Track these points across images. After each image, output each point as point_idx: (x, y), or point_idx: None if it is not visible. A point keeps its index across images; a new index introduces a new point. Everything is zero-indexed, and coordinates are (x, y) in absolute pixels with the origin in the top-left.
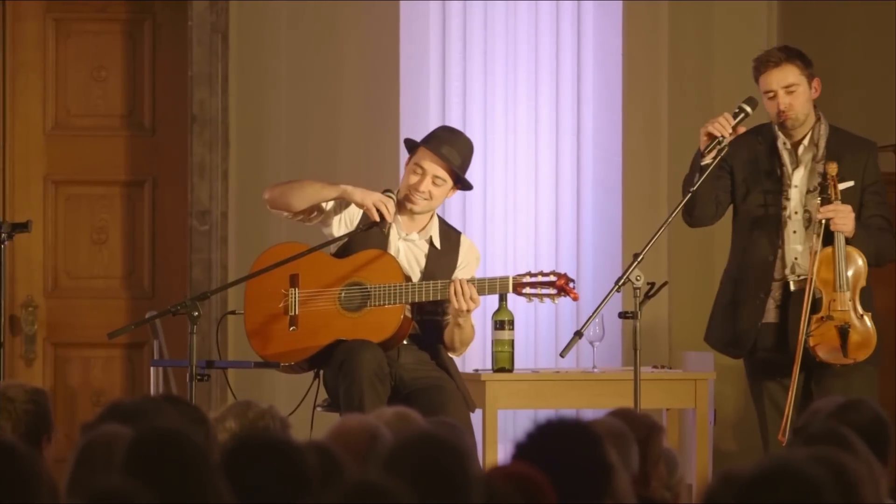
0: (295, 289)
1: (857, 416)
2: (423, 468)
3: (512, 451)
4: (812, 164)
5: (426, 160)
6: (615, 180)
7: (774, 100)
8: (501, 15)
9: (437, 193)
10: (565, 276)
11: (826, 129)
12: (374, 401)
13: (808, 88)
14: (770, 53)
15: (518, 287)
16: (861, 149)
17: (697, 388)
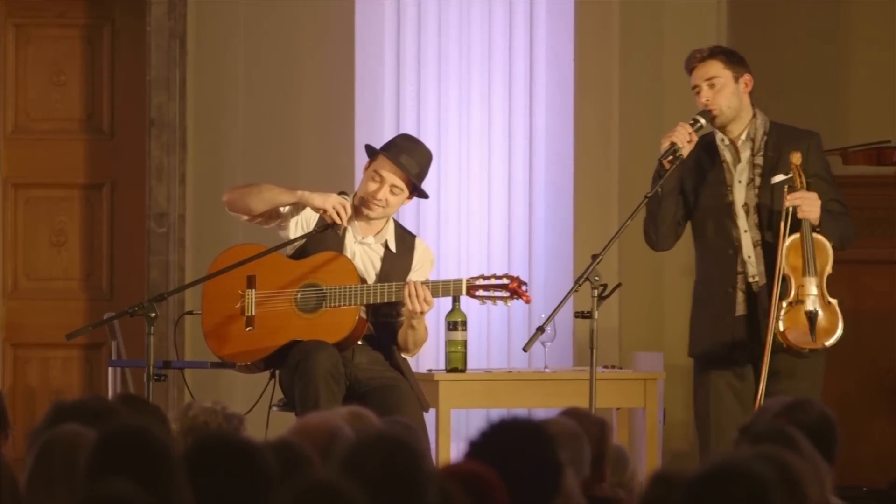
0: (252, 290)
1: (804, 416)
2: (381, 467)
3: (465, 449)
4: (751, 157)
5: (385, 169)
6: (567, 182)
7: (700, 95)
8: (455, 20)
9: (394, 201)
10: (518, 279)
11: (763, 123)
12: (330, 400)
13: (733, 83)
14: (697, 51)
15: (471, 290)
16: (801, 140)
17: (647, 387)
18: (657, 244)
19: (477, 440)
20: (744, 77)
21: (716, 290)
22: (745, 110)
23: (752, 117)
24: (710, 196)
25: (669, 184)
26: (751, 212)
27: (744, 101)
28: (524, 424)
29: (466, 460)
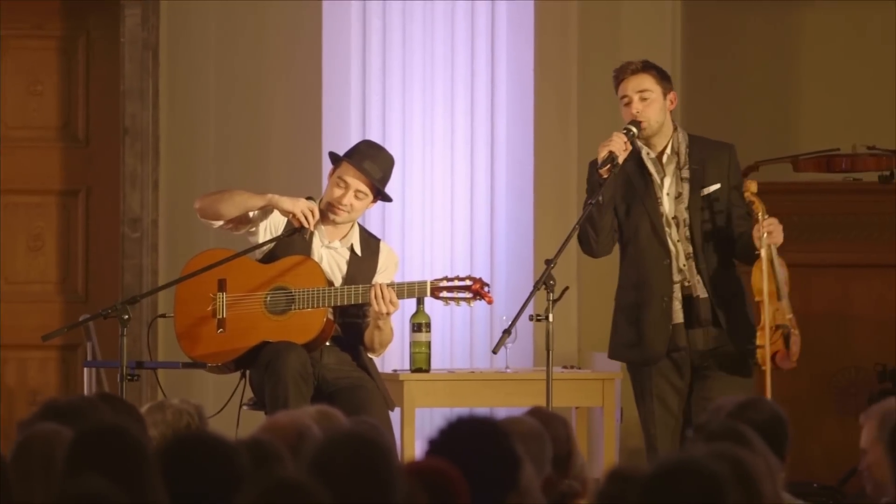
0: (223, 293)
1: (756, 414)
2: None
3: (424, 447)
4: (676, 171)
5: (349, 175)
6: (527, 189)
7: (629, 106)
8: (419, 33)
9: (358, 206)
10: (480, 280)
11: (684, 137)
12: (299, 400)
13: (662, 99)
14: (629, 63)
15: (435, 291)
16: (722, 152)
17: (605, 387)
18: (597, 252)
19: (436, 438)
20: (670, 94)
21: (649, 297)
22: (668, 125)
23: (673, 131)
24: (640, 208)
25: (609, 192)
26: (681, 224)
27: (667, 117)
28: (481, 421)
29: (427, 457)
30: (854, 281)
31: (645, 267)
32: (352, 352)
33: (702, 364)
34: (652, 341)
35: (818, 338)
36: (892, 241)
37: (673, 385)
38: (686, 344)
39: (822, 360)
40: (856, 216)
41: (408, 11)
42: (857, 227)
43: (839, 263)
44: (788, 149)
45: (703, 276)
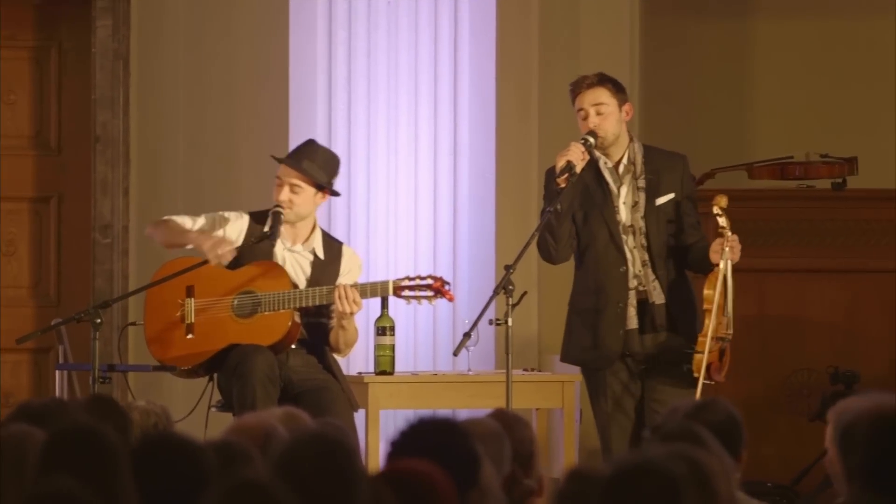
0: (191, 299)
1: (712, 415)
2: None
3: (387, 449)
4: (632, 180)
5: (281, 172)
6: (489, 196)
7: (586, 119)
8: (383, 43)
9: (300, 200)
10: (441, 279)
11: (640, 147)
12: (266, 401)
13: (617, 111)
14: (585, 77)
15: (398, 290)
16: (676, 162)
17: (564, 389)
18: (556, 258)
19: (397, 439)
20: (626, 106)
21: (605, 303)
22: (624, 136)
23: (629, 142)
24: (598, 216)
25: (567, 201)
26: (637, 232)
27: (623, 129)
28: (440, 422)
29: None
30: (807, 285)
31: (602, 273)
32: (318, 354)
33: (654, 367)
34: (606, 345)
35: (772, 341)
36: (844, 247)
37: (626, 387)
38: (640, 348)
39: (775, 362)
40: (809, 222)
41: (372, 22)
42: (811, 233)
43: (793, 268)
44: (743, 157)
45: (660, 283)
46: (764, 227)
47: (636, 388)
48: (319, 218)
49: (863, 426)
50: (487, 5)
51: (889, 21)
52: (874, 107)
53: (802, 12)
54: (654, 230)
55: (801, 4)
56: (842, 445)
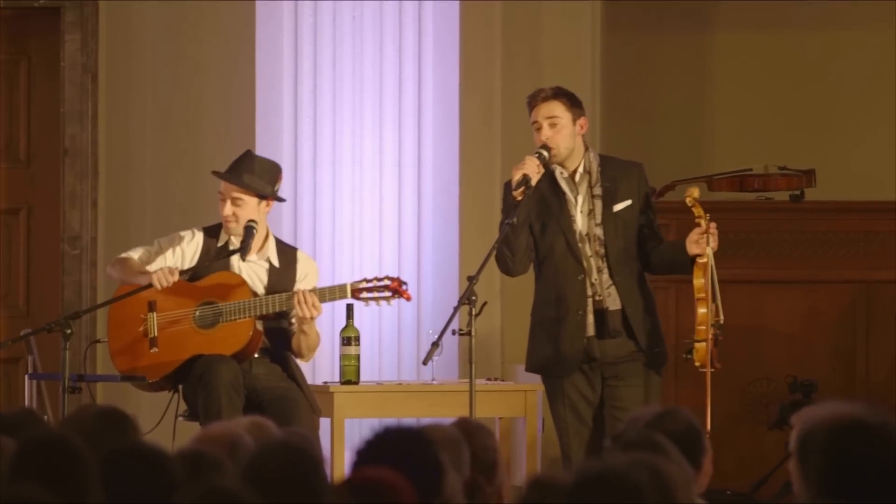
0: (153, 313)
1: (673, 425)
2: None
3: (352, 457)
4: (589, 189)
5: (223, 187)
6: (453, 208)
7: (540, 131)
8: (348, 56)
9: (243, 213)
10: (398, 279)
11: (595, 157)
12: (231, 410)
13: (571, 125)
14: (541, 90)
15: (356, 292)
16: (632, 170)
17: (527, 398)
18: (514, 270)
19: (363, 448)
20: (580, 120)
21: (565, 312)
22: (579, 148)
23: (585, 152)
24: (555, 226)
25: (523, 213)
26: (594, 240)
27: (578, 142)
28: (406, 430)
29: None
30: (766, 296)
31: (561, 283)
32: (281, 363)
33: (613, 374)
34: (568, 353)
35: (731, 351)
36: (802, 258)
37: (584, 396)
38: (599, 355)
39: (735, 371)
40: (768, 234)
41: (338, 36)
42: (770, 245)
43: (752, 279)
44: (703, 169)
45: (617, 289)
46: (723, 239)
47: (594, 395)
48: (286, 230)
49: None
50: (451, 20)
51: (846, 34)
52: (832, 120)
53: (760, 26)
54: (612, 237)
55: (759, 19)
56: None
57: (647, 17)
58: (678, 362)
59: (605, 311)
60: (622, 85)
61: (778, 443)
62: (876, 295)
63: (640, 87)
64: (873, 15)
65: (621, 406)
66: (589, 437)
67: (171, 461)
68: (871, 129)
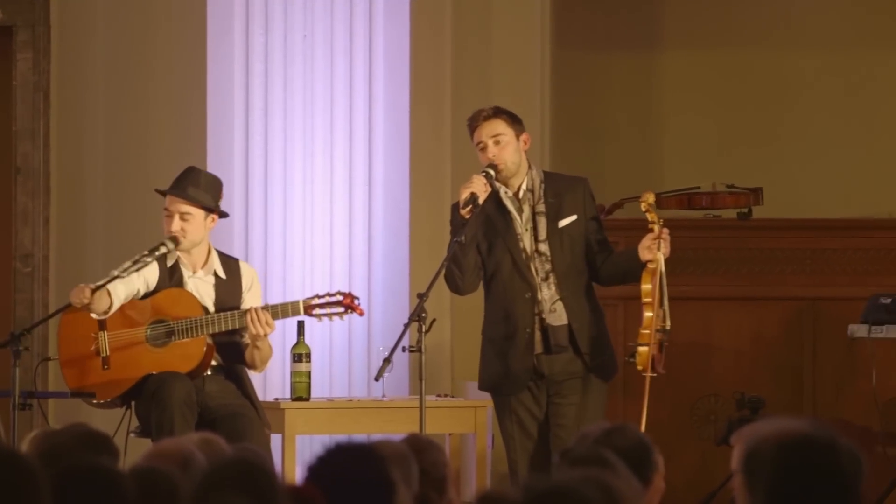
0: (104, 332)
1: (622, 441)
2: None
3: (304, 473)
4: (533, 206)
5: (169, 203)
6: (403, 225)
7: (485, 151)
8: (300, 76)
9: (191, 227)
10: (350, 294)
11: (539, 174)
12: (184, 427)
13: (515, 141)
14: (481, 110)
15: (308, 308)
16: (577, 185)
17: (477, 414)
18: (463, 289)
19: (314, 464)
20: (523, 136)
21: (514, 330)
22: (523, 165)
23: (528, 169)
24: (501, 245)
25: (471, 232)
26: (540, 257)
27: (522, 157)
28: (357, 447)
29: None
30: (714, 313)
31: (508, 301)
32: (234, 380)
33: (556, 392)
34: (517, 372)
35: (680, 367)
36: (750, 275)
37: (531, 412)
38: (546, 373)
39: (683, 388)
40: (716, 251)
41: (289, 55)
42: (717, 262)
43: (700, 296)
44: (651, 186)
45: (564, 304)
46: (671, 256)
47: (540, 411)
48: (237, 248)
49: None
50: (401, 39)
51: (794, 53)
52: (779, 137)
53: (708, 45)
54: (558, 252)
55: (706, 38)
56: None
57: (596, 34)
58: (626, 375)
59: (554, 328)
60: (571, 102)
61: (726, 459)
62: (823, 312)
63: (589, 105)
64: (820, 35)
65: (563, 424)
66: (535, 452)
67: (123, 478)
68: (817, 148)
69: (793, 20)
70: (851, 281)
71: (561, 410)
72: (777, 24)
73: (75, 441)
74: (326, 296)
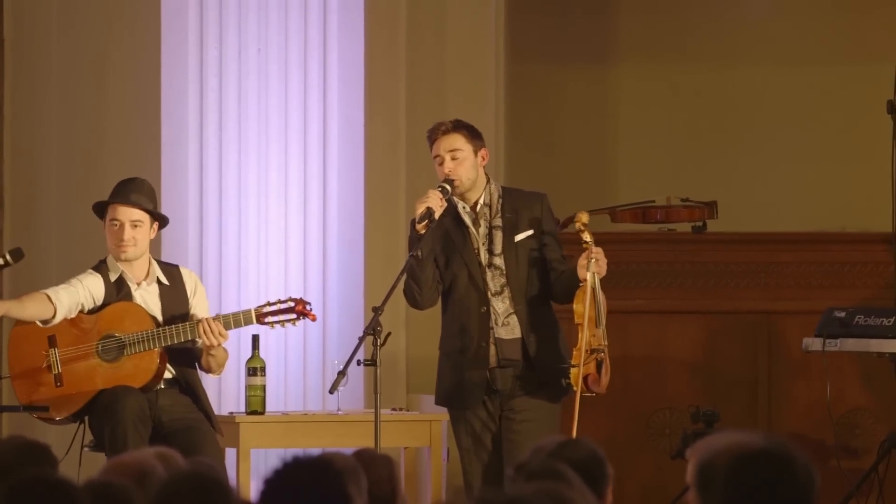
0: (54, 349)
1: (575, 454)
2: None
3: (261, 486)
4: (490, 221)
5: (118, 213)
6: (358, 238)
7: (442, 165)
8: (254, 88)
9: (141, 235)
10: (302, 300)
11: (497, 188)
12: (137, 441)
13: (473, 156)
14: (441, 123)
15: (261, 317)
16: (535, 201)
17: (432, 428)
18: (422, 304)
19: (271, 478)
20: (481, 151)
21: (469, 344)
22: (481, 180)
23: (486, 184)
24: (458, 259)
25: (427, 246)
26: (496, 271)
27: (480, 173)
28: (315, 461)
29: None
30: (668, 326)
31: (464, 315)
32: (188, 393)
33: (509, 407)
34: (471, 386)
35: (635, 380)
36: (704, 289)
37: (486, 425)
38: (500, 385)
39: (638, 401)
40: (670, 265)
41: (243, 69)
42: (672, 275)
43: (655, 310)
44: (606, 201)
45: (519, 318)
46: (626, 270)
47: (494, 424)
48: (191, 261)
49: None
50: (356, 51)
51: (747, 67)
52: (733, 152)
53: (663, 59)
54: (514, 267)
55: (661, 52)
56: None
57: (551, 48)
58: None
59: (508, 342)
60: (526, 116)
61: (681, 472)
62: (777, 325)
63: (543, 119)
64: (774, 50)
65: (516, 438)
66: (490, 465)
67: (78, 491)
68: (771, 162)
69: (747, 36)
70: (806, 294)
71: (513, 426)
72: (731, 40)
73: (14, 453)
74: (278, 302)
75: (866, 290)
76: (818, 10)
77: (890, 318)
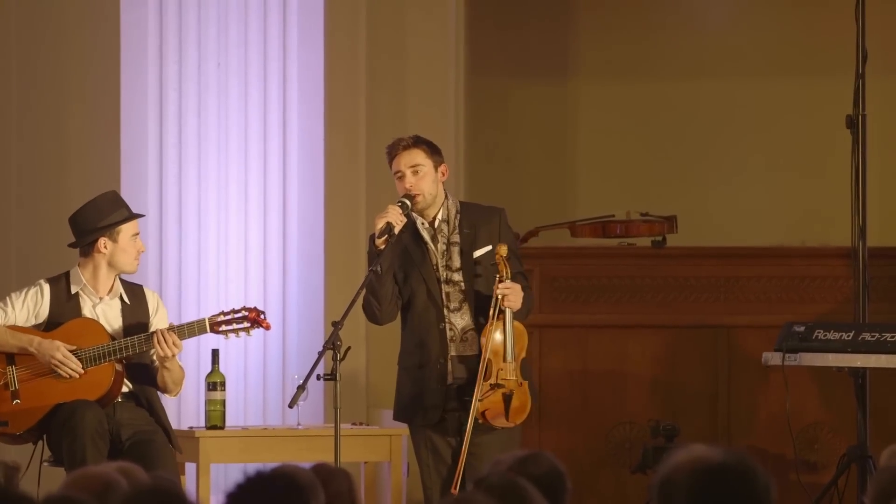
0: (12, 366)
1: (535, 468)
2: None
3: (223, 501)
4: (448, 237)
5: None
6: (317, 253)
7: (403, 180)
8: (214, 106)
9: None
10: (255, 309)
11: (455, 203)
12: (96, 456)
13: (434, 171)
14: (401, 139)
15: (215, 326)
16: (493, 216)
17: (392, 443)
18: (381, 319)
19: (234, 492)
20: (441, 167)
21: (427, 360)
22: (440, 195)
23: (445, 199)
24: (417, 275)
25: (387, 261)
26: (454, 287)
27: (439, 188)
28: (276, 476)
29: None
30: (628, 340)
31: (423, 330)
32: (146, 406)
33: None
34: (430, 401)
35: (595, 394)
36: (664, 303)
37: (446, 439)
38: (457, 402)
39: (598, 415)
40: (630, 279)
41: (203, 83)
42: (632, 290)
43: (615, 324)
44: (566, 215)
45: (477, 334)
46: (586, 284)
47: (454, 439)
48: (151, 278)
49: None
50: (316, 68)
51: (705, 82)
52: (692, 167)
53: (622, 74)
54: (471, 283)
55: (621, 67)
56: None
57: (511, 62)
58: (542, 404)
59: (467, 357)
60: (485, 130)
61: (641, 486)
62: (736, 339)
63: (503, 133)
64: (732, 65)
65: (475, 452)
66: (449, 480)
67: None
68: (730, 177)
69: (706, 50)
70: (765, 309)
71: (474, 440)
72: (690, 54)
73: None
74: (231, 312)
75: (825, 305)
76: (777, 24)
77: (849, 333)
